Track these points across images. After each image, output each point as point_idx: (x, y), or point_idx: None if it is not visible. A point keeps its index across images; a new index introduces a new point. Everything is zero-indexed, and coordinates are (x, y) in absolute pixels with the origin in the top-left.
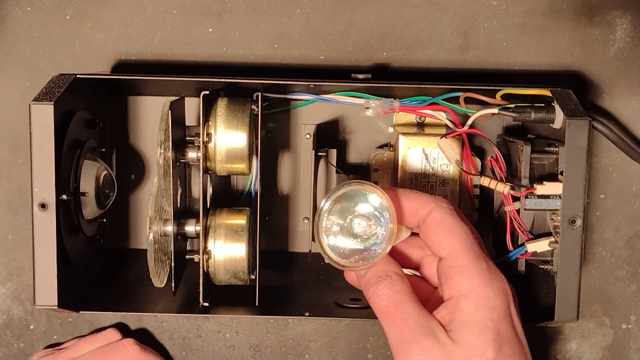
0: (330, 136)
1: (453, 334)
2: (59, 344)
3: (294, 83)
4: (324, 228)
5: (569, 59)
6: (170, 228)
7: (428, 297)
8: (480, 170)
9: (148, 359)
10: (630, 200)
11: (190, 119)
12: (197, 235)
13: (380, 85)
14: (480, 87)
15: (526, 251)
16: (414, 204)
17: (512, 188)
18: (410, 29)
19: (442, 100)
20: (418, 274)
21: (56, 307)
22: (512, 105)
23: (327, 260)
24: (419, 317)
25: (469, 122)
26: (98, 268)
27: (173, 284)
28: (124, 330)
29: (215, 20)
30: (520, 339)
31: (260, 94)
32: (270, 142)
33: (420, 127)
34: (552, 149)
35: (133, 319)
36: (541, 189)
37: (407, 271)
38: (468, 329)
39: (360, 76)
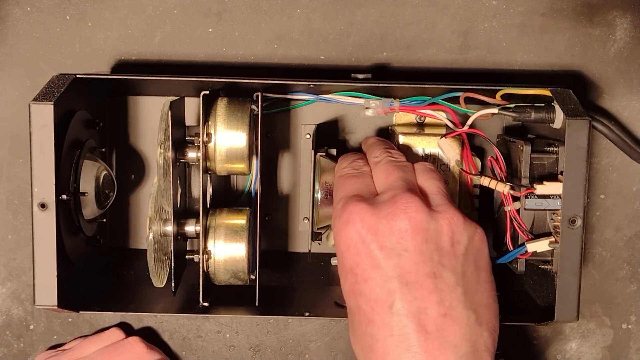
0: (330, 136)
1: None
2: (60, 345)
3: (294, 83)
4: None
5: (569, 59)
6: (170, 228)
7: None
8: (480, 170)
9: (154, 358)
10: (630, 200)
11: (190, 119)
12: (197, 235)
13: (380, 85)
14: (480, 87)
15: (526, 251)
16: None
17: (512, 188)
18: (410, 29)
19: (442, 100)
20: None
21: (56, 307)
22: (512, 105)
23: None
24: None
25: (469, 122)
26: (98, 268)
27: (173, 284)
28: (126, 330)
29: (215, 20)
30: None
31: (260, 94)
32: (270, 142)
33: (420, 127)
34: (552, 148)
35: (133, 319)
36: (541, 188)
37: None
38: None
39: (360, 76)
